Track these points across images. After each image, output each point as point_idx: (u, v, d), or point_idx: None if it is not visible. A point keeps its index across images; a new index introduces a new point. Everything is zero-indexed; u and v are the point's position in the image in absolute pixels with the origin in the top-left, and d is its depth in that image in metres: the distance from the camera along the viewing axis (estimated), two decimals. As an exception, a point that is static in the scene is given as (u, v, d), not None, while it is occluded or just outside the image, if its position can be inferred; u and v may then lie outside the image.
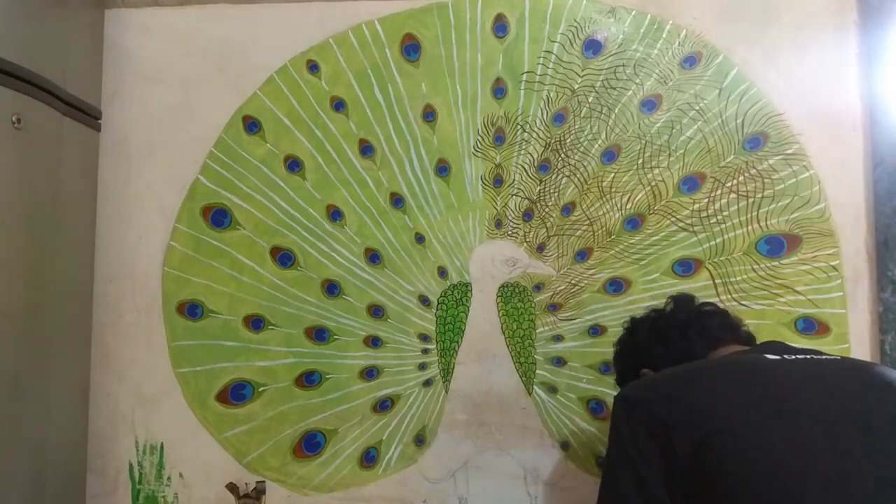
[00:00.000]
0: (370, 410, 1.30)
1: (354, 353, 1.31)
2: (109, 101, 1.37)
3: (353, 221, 1.33)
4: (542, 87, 1.31)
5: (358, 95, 1.34)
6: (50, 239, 1.16)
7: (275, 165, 1.35)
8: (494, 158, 1.32)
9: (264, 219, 1.34)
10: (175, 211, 1.35)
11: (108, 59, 1.38)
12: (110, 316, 1.35)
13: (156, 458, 1.33)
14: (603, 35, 1.31)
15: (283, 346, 1.32)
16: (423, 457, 1.29)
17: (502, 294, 1.30)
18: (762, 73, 1.28)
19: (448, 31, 1.33)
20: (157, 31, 1.39)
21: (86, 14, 1.32)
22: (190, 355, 1.33)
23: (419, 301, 1.31)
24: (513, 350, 1.29)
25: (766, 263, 1.25)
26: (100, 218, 1.36)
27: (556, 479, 1.25)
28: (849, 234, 1.24)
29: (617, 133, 1.30)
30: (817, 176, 1.25)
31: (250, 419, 1.31)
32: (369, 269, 1.32)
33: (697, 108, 1.28)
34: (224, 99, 1.36)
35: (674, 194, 1.28)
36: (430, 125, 1.33)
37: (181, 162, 1.36)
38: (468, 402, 1.29)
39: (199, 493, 1.31)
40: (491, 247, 1.31)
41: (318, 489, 1.30)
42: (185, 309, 1.34)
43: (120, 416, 1.34)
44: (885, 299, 1.21)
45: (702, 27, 1.29)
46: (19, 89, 1.06)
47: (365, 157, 1.34)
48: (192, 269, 1.34)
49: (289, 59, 1.36)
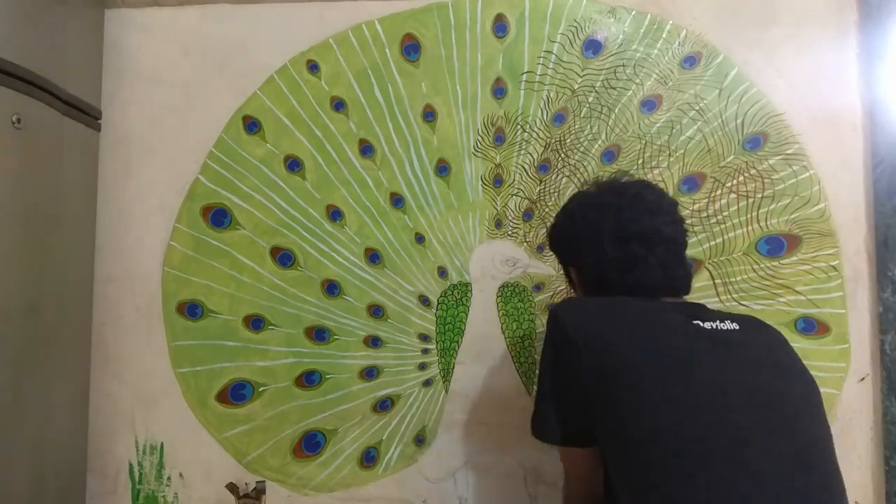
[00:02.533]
0: (370, 410, 1.30)
1: (354, 353, 1.31)
2: (109, 101, 1.37)
3: (353, 221, 1.33)
4: (542, 87, 1.31)
5: (358, 95, 1.34)
6: (50, 239, 1.16)
7: (275, 165, 1.35)
8: (494, 158, 1.32)
9: (264, 219, 1.34)
10: (175, 211, 1.35)
11: (108, 59, 1.38)
12: (110, 316, 1.35)
13: (156, 458, 1.33)
14: (603, 35, 1.31)
15: (283, 346, 1.32)
16: (423, 457, 1.29)
17: (502, 294, 1.30)
18: (762, 73, 1.28)
19: (448, 31, 1.33)
20: (157, 31, 1.39)
21: (86, 14, 1.32)
22: (190, 355, 1.33)
23: (419, 301, 1.31)
24: (513, 350, 1.29)
25: (766, 263, 1.25)
26: (100, 218, 1.36)
27: (556, 479, 1.25)
28: (849, 234, 1.24)
29: (617, 133, 1.30)
30: (817, 176, 1.25)
31: (250, 419, 1.31)
32: (369, 269, 1.32)
33: (697, 108, 1.28)
34: (224, 99, 1.36)
35: (674, 194, 1.28)
36: (430, 125, 1.33)
37: (181, 162, 1.36)
38: (468, 402, 1.29)
39: (199, 493, 1.31)
40: (491, 247, 1.31)
41: (318, 489, 1.30)
42: (185, 309, 1.34)
43: (120, 416, 1.34)
44: (885, 299, 1.21)
45: (702, 27, 1.29)
46: (19, 89, 1.06)
47: (365, 157, 1.34)
48: (192, 269, 1.34)
49: (289, 59, 1.36)
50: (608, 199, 0.92)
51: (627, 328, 0.81)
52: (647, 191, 0.93)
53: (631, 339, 0.79)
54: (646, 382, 0.75)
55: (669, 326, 0.81)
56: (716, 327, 0.81)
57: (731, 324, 0.82)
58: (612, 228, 0.88)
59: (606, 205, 0.91)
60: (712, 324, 0.81)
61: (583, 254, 0.93)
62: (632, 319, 0.82)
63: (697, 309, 0.87)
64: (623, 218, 0.88)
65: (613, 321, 0.82)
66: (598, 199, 0.94)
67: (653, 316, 0.83)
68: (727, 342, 0.80)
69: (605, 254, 0.88)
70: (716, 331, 0.80)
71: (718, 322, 0.82)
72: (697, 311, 0.85)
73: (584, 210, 0.94)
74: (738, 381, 0.76)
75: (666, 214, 0.90)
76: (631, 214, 0.88)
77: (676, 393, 0.74)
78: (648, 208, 0.89)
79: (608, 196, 0.93)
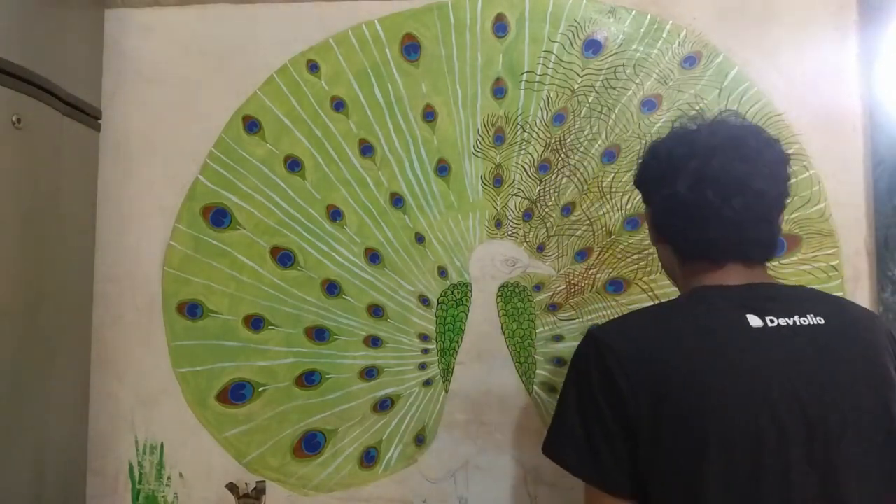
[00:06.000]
0: (370, 410, 1.30)
1: (354, 353, 1.31)
2: (109, 101, 1.37)
3: (353, 221, 1.33)
4: (542, 87, 1.31)
5: (358, 95, 1.34)
6: (50, 239, 1.16)
7: (275, 165, 1.35)
8: (494, 158, 1.32)
9: (264, 219, 1.34)
10: (175, 211, 1.35)
11: (108, 59, 1.38)
12: (110, 316, 1.35)
13: (156, 458, 1.33)
14: (603, 35, 1.31)
15: (283, 346, 1.32)
16: (423, 457, 1.29)
17: (502, 294, 1.30)
18: (762, 74, 1.28)
19: (448, 31, 1.33)
20: (157, 31, 1.39)
21: (86, 14, 1.32)
22: (190, 355, 1.33)
23: (419, 301, 1.31)
24: (513, 350, 1.29)
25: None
26: (100, 218, 1.36)
27: (555, 479, 1.25)
28: (849, 234, 1.24)
29: (617, 133, 1.30)
30: (817, 176, 1.25)
31: (250, 419, 1.31)
32: (369, 269, 1.32)
33: (697, 108, 1.28)
34: (224, 99, 1.36)
35: (674, 194, 1.28)
36: (430, 125, 1.33)
37: (181, 162, 1.36)
38: (468, 402, 1.29)
39: (199, 493, 1.31)
40: (491, 247, 1.31)
41: (318, 489, 1.30)
42: (185, 309, 1.34)
43: (120, 416, 1.34)
44: (885, 299, 1.21)
45: (702, 27, 1.29)
46: (19, 89, 1.06)
47: (365, 157, 1.34)
48: (192, 269, 1.34)
49: (289, 59, 1.36)
50: (701, 136, 0.80)
51: (679, 358, 0.71)
52: (752, 136, 0.79)
53: (684, 375, 0.69)
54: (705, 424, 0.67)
55: (725, 343, 0.70)
56: (793, 323, 0.71)
57: (813, 317, 0.72)
58: (693, 168, 0.76)
59: (697, 141, 0.79)
60: (787, 320, 0.71)
61: (657, 192, 0.83)
62: (682, 341, 0.72)
63: (769, 298, 0.75)
64: (708, 158, 0.76)
65: (661, 350, 0.72)
66: (691, 135, 0.82)
67: (707, 334, 0.72)
68: (803, 351, 0.70)
69: (677, 194, 0.77)
70: (794, 327, 0.70)
71: (797, 317, 0.71)
72: (768, 303, 0.73)
73: (673, 142, 0.83)
74: (818, 406, 0.67)
75: (764, 166, 0.76)
76: (719, 156, 0.76)
77: (733, 437, 0.66)
78: (742, 154, 0.76)
79: (703, 133, 0.81)
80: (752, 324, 0.71)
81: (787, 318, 0.71)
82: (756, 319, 0.71)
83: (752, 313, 0.71)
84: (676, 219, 0.80)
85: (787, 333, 0.71)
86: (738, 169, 0.75)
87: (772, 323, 0.71)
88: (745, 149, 0.77)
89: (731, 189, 0.75)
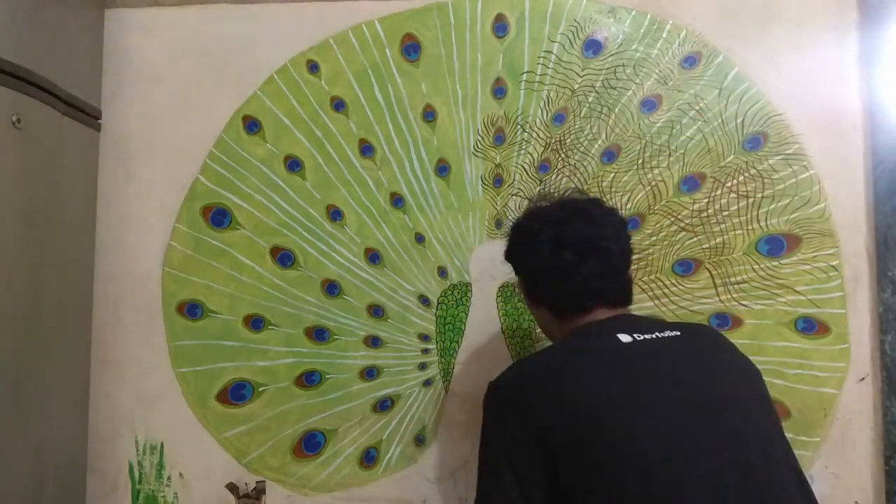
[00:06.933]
0: (370, 410, 1.30)
1: (354, 353, 1.31)
2: (109, 101, 1.37)
3: (353, 221, 1.33)
4: (542, 87, 1.31)
5: (358, 95, 1.34)
6: (50, 239, 1.16)
7: (275, 165, 1.35)
8: (494, 158, 1.32)
9: (264, 219, 1.34)
10: (175, 211, 1.35)
11: (108, 59, 1.38)
12: (110, 316, 1.35)
13: (156, 458, 1.33)
14: (603, 35, 1.31)
15: (283, 346, 1.32)
16: (423, 457, 1.29)
17: (502, 294, 1.30)
18: (762, 73, 1.28)
19: (448, 31, 1.33)
20: (157, 31, 1.39)
21: (86, 14, 1.32)
22: (190, 355, 1.33)
23: (419, 301, 1.31)
24: (513, 350, 1.29)
25: (766, 263, 1.25)
26: (100, 218, 1.36)
27: (556, 479, 1.25)
28: (849, 234, 1.24)
29: (617, 133, 1.30)
30: (817, 176, 1.25)
31: (250, 419, 1.31)
32: (369, 269, 1.32)
33: (697, 108, 1.28)
34: (224, 99, 1.36)
35: (674, 194, 1.28)
36: (430, 125, 1.33)
37: (181, 162, 1.36)
38: (468, 402, 1.29)
39: (199, 493, 1.31)
40: (491, 247, 1.31)
41: (318, 489, 1.30)
42: (185, 309, 1.34)
43: (120, 416, 1.33)
44: (885, 299, 1.21)
45: (702, 27, 1.29)
46: (19, 89, 1.06)
47: (365, 157, 1.34)
48: (192, 269, 1.34)
49: (289, 59, 1.36)
50: (552, 211, 0.97)
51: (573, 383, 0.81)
52: (594, 207, 0.96)
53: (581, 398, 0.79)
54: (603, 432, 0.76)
55: (602, 354, 0.83)
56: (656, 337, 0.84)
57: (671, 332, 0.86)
58: (549, 237, 0.92)
59: (549, 216, 0.95)
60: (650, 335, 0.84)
61: (525, 262, 0.99)
62: (575, 368, 0.83)
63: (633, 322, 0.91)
64: (562, 227, 0.92)
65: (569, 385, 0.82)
66: (544, 211, 0.98)
67: (587, 353, 0.84)
68: (671, 350, 0.83)
69: (541, 261, 0.92)
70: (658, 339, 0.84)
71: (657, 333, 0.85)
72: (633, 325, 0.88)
73: (529, 220, 0.99)
74: (686, 393, 0.79)
75: (609, 228, 0.93)
76: (570, 225, 0.91)
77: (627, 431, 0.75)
78: (589, 219, 0.92)
79: (554, 208, 0.98)
80: (623, 340, 0.84)
81: (650, 334, 0.85)
82: (626, 336, 0.84)
83: (622, 333, 0.85)
84: (545, 280, 0.94)
85: (653, 344, 0.84)
86: (587, 233, 0.91)
87: (639, 337, 0.84)
88: (590, 217, 0.93)
89: (584, 249, 0.90)
